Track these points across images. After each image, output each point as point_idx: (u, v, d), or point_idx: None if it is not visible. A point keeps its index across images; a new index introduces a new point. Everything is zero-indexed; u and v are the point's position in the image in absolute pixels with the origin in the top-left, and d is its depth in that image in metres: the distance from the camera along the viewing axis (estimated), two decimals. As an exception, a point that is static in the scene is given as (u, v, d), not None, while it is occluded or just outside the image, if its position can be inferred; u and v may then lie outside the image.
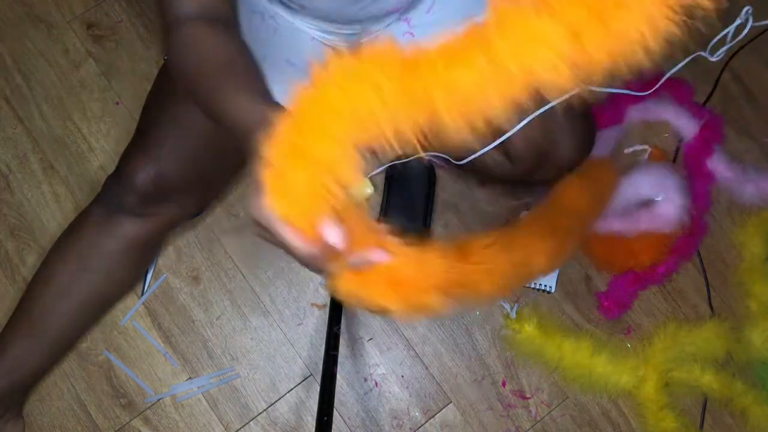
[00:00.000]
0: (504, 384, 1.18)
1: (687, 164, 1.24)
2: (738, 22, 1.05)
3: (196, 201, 1.08)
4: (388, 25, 1.06)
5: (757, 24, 1.07)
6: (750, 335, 1.17)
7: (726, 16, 1.42)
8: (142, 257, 1.09)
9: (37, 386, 1.15)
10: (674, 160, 1.24)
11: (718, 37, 1.07)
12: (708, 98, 1.28)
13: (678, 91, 1.25)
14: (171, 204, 1.04)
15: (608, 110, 1.26)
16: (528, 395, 1.18)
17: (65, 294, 1.05)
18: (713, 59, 1.10)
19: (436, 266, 0.57)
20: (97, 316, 1.13)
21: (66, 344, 1.11)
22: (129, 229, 1.04)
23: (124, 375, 1.17)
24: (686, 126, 1.24)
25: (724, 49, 1.09)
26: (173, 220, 1.07)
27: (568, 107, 1.03)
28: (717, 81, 1.28)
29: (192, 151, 0.98)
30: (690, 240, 1.20)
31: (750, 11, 1.06)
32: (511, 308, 1.19)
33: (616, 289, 1.20)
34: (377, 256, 0.57)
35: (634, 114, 1.23)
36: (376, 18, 0.99)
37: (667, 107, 1.24)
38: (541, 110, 1.00)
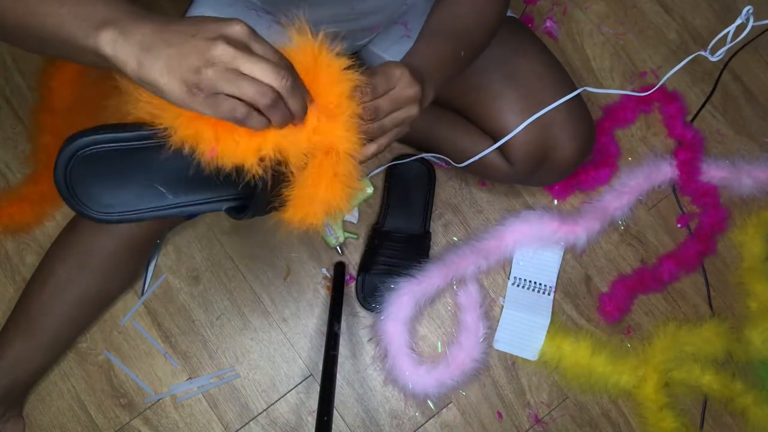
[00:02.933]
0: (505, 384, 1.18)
1: (686, 193, 1.25)
2: (738, 21, 1.05)
3: None
4: (370, 39, 1.07)
5: (757, 23, 1.07)
6: (750, 335, 1.17)
7: (727, 16, 1.44)
8: (139, 255, 1.09)
9: (36, 385, 1.15)
10: (677, 200, 1.25)
11: (719, 36, 1.07)
12: (708, 98, 1.28)
13: (670, 104, 1.26)
14: None
15: (610, 117, 1.27)
16: (528, 396, 1.18)
17: (63, 292, 1.06)
18: (714, 59, 1.10)
19: None
20: (96, 314, 1.13)
21: (65, 343, 1.11)
22: (125, 226, 1.04)
23: (124, 375, 1.17)
24: (664, 170, 1.24)
25: (724, 49, 1.09)
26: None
27: (568, 111, 1.05)
28: (717, 81, 1.28)
29: None
30: (697, 255, 1.21)
31: (751, 11, 1.06)
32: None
33: (617, 293, 1.20)
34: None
35: (607, 197, 1.22)
36: (354, 34, 1.01)
37: (637, 175, 1.23)
38: (539, 114, 1.00)
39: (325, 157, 0.63)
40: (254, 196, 0.61)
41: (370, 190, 1.20)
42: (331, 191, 0.64)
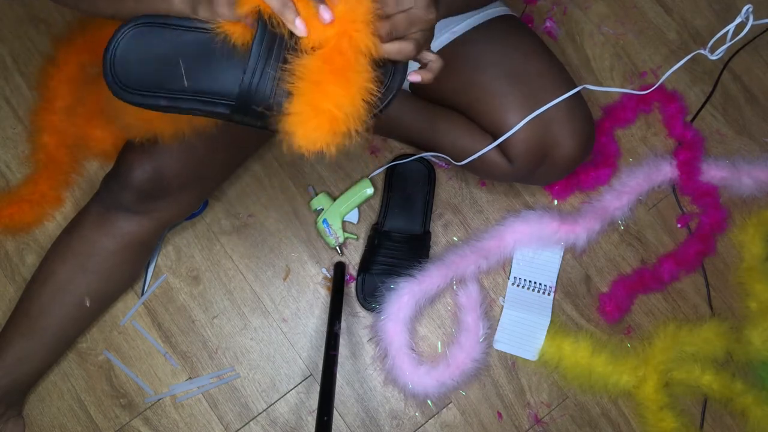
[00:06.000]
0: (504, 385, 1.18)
1: (686, 193, 1.24)
2: (738, 20, 1.05)
3: (192, 198, 1.09)
4: None
5: (757, 22, 1.07)
6: (750, 335, 1.17)
7: (727, 15, 1.44)
8: (139, 256, 1.09)
9: (37, 386, 1.15)
10: (677, 200, 1.25)
11: (719, 35, 1.07)
12: (708, 98, 1.28)
13: (670, 104, 1.26)
14: (167, 201, 1.04)
15: (610, 118, 1.27)
16: (528, 396, 1.18)
17: (63, 292, 1.06)
18: (713, 57, 1.10)
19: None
20: (96, 314, 1.13)
21: (65, 343, 1.11)
22: (126, 227, 1.04)
23: (124, 375, 1.17)
24: (664, 170, 1.23)
25: (724, 47, 1.09)
26: (169, 217, 1.07)
27: (568, 108, 1.05)
28: (717, 81, 1.28)
29: (189, 146, 0.98)
30: (697, 255, 1.21)
31: (750, 10, 1.06)
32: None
33: (617, 293, 1.20)
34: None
35: (607, 197, 1.22)
36: None
37: (637, 174, 1.23)
38: (539, 111, 1.00)
39: (335, 52, 0.63)
40: (248, 93, 0.66)
41: (370, 191, 1.20)
42: (338, 92, 0.63)
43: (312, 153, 0.64)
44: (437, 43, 1.06)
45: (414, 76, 0.74)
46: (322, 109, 0.63)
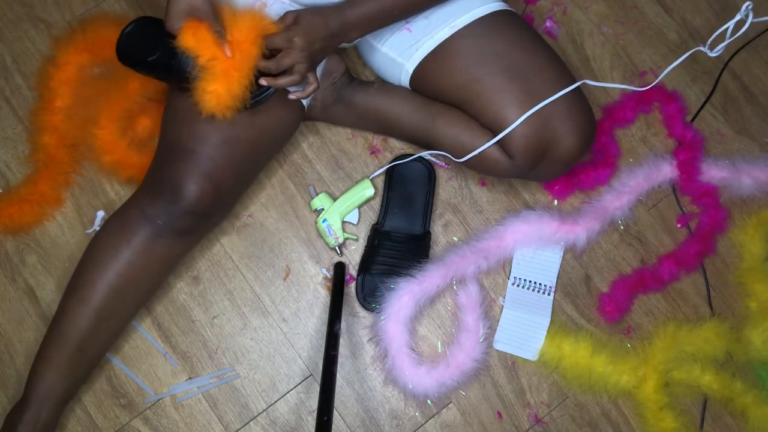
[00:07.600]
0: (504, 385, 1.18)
1: (686, 193, 1.25)
2: (738, 17, 1.05)
3: (234, 205, 1.12)
4: None
5: (756, 20, 1.07)
6: (750, 335, 1.17)
7: (726, 15, 1.44)
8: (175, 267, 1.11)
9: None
10: (677, 200, 1.25)
11: (718, 32, 1.07)
12: (708, 98, 1.28)
13: (670, 104, 1.26)
14: (220, 215, 1.07)
15: (610, 117, 1.27)
16: (528, 396, 1.18)
17: (109, 318, 1.04)
18: (712, 55, 1.10)
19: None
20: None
21: (99, 361, 1.09)
22: (178, 249, 1.04)
23: (124, 375, 1.17)
24: (664, 170, 1.24)
25: (723, 44, 1.09)
26: (212, 229, 1.10)
27: (568, 103, 1.05)
28: (717, 80, 1.29)
29: (239, 157, 1.01)
30: (697, 255, 1.21)
31: (750, 7, 1.06)
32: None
33: (617, 293, 1.20)
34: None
35: (607, 197, 1.22)
36: None
37: (637, 175, 1.23)
38: (539, 106, 1.00)
39: (233, 61, 0.95)
40: (178, 69, 0.98)
41: (370, 192, 1.20)
42: (222, 83, 0.95)
43: (208, 113, 0.96)
44: (437, 38, 1.06)
45: (291, 95, 1.01)
46: (211, 89, 0.94)
